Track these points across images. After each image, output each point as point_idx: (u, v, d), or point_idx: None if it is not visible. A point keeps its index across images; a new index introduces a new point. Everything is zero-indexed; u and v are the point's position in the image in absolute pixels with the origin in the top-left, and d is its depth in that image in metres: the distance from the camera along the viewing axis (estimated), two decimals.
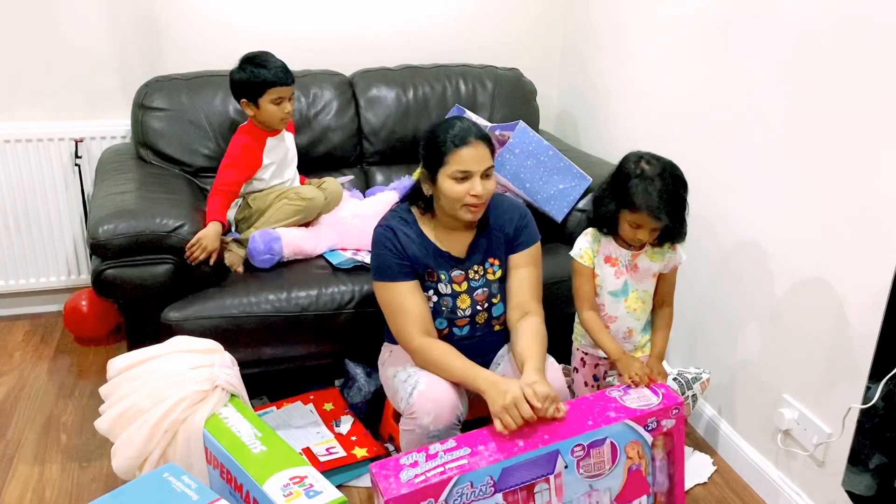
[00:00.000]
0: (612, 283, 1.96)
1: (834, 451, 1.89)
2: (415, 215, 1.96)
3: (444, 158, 1.81)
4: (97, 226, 2.10)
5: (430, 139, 1.86)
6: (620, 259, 1.95)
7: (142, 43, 2.78)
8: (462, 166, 1.80)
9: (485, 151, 1.83)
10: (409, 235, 1.92)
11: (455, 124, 1.84)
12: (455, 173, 1.81)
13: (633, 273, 1.95)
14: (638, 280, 1.96)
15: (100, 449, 2.23)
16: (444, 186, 1.83)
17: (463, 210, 1.85)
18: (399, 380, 1.90)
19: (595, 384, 2.10)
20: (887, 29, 1.65)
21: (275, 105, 2.33)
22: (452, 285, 1.94)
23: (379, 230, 1.93)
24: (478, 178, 1.82)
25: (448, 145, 1.81)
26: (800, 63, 1.92)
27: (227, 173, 2.35)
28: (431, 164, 1.84)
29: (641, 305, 1.98)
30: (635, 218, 1.83)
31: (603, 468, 1.65)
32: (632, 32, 2.70)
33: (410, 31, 3.01)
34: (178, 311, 2.15)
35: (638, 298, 1.97)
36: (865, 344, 1.67)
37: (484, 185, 1.83)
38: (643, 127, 2.66)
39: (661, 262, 1.96)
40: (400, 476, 1.51)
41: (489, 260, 1.97)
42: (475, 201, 1.83)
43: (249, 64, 2.33)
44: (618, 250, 1.95)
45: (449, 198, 1.83)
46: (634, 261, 1.95)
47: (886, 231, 1.70)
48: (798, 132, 1.94)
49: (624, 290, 1.96)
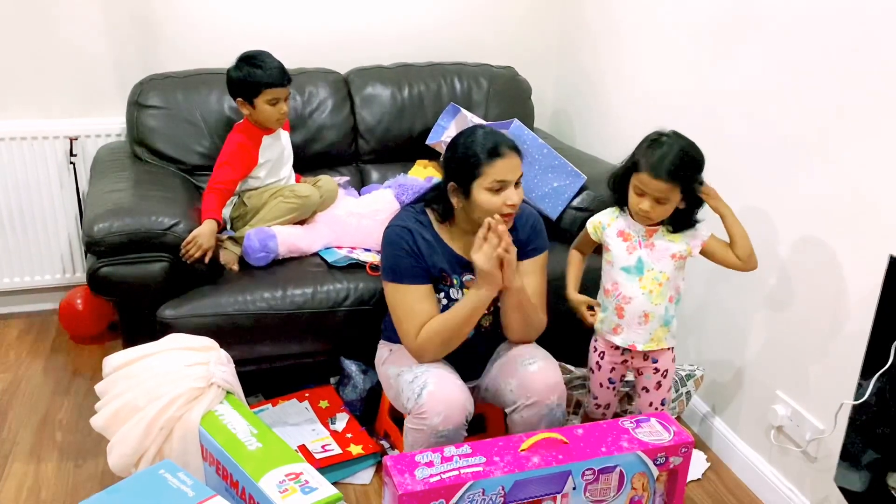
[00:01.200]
0: (625, 258, 1.91)
1: (826, 447, 1.90)
2: (430, 218, 1.95)
3: (479, 171, 1.80)
4: (92, 224, 2.10)
5: (462, 154, 1.83)
6: (634, 234, 1.91)
7: (137, 41, 2.78)
8: (498, 177, 1.80)
9: (517, 160, 1.84)
10: (427, 238, 1.91)
11: (484, 135, 1.84)
12: (493, 184, 1.80)
13: (650, 251, 1.89)
14: (655, 259, 1.89)
15: (95, 447, 2.23)
16: (480, 199, 1.82)
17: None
18: (405, 380, 1.90)
19: (611, 387, 2.07)
20: (879, 28, 1.67)
21: (271, 106, 2.33)
22: (463, 290, 1.95)
23: (395, 230, 1.91)
24: (512, 188, 1.83)
25: (483, 158, 1.80)
26: (794, 61, 1.93)
27: (223, 171, 2.35)
28: (464, 178, 1.82)
29: (658, 288, 1.89)
30: (637, 180, 1.82)
31: (608, 495, 1.67)
32: (627, 31, 2.71)
33: (405, 29, 3.01)
34: (174, 308, 2.15)
35: (654, 280, 1.89)
36: (857, 341, 1.69)
37: (518, 194, 1.84)
38: (639, 125, 2.65)
39: (680, 243, 1.89)
40: (415, 473, 1.53)
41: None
42: (511, 210, 1.83)
43: (246, 63, 2.33)
44: (633, 225, 1.91)
45: (485, 209, 1.82)
46: (651, 238, 1.89)
47: (878, 230, 1.71)
48: (792, 130, 1.95)
49: (638, 267, 1.90)
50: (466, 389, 1.85)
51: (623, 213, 1.94)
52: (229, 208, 2.44)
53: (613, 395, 2.08)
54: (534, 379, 1.87)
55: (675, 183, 1.78)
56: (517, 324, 1.95)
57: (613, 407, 2.12)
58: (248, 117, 2.39)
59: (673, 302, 1.93)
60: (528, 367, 1.89)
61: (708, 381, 2.35)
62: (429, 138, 2.77)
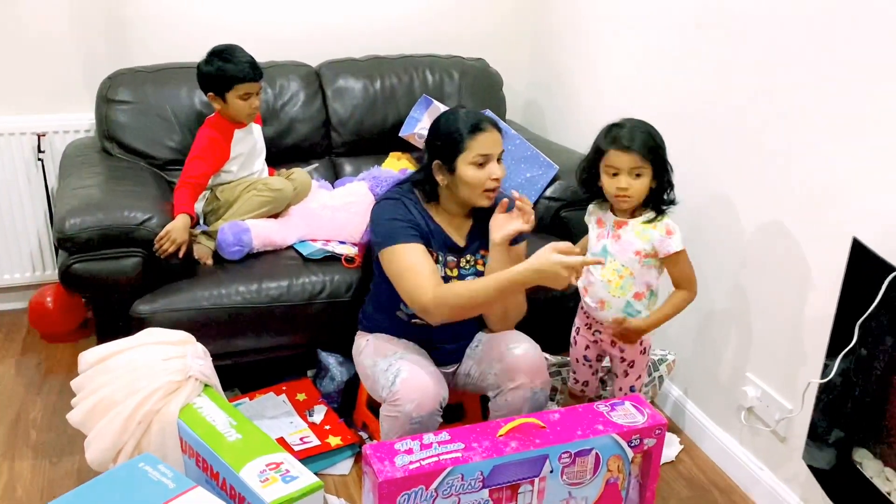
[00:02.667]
0: (594, 244, 1.96)
1: (795, 427, 1.95)
2: (418, 197, 1.98)
3: (463, 145, 1.84)
4: (64, 220, 2.08)
5: (445, 131, 1.88)
6: (607, 223, 1.95)
7: (105, 35, 2.75)
8: (482, 150, 1.84)
9: (499, 136, 1.89)
10: (419, 213, 1.94)
11: (465, 113, 1.89)
12: (476, 158, 1.84)
13: (615, 242, 1.91)
14: (618, 251, 1.90)
15: (71, 444, 2.21)
16: (465, 174, 1.86)
17: (483, 196, 1.89)
18: (379, 369, 1.92)
19: (587, 364, 2.10)
20: (843, 26, 1.71)
21: (242, 100, 2.32)
22: (445, 269, 1.97)
23: (386, 202, 1.94)
24: (495, 162, 1.87)
25: (465, 133, 1.84)
26: (759, 55, 1.97)
27: (195, 166, 2.34)
28: (448, 154, 1.86)
29: (618, 280, 1.90)
30: (607, 161, 1.85)
31: (584, 477, 1.70)
32: (596, 23, 2.74)
33: (376, 21, 3.01)
34: (148, 304, 2.14)
35: (614, 271, 1.90)
36: (823, 322, 1.73)
37: (501, 168, 1.89)
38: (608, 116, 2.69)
39: (647, 242, 1.87)
40: (395, 460, 1.54)
41: (481, 252, 2.01)
42: (495, 185, 1.88)
43: (217, 58, 2.32)
44: (607, 214, 1.96)
45: (470, 184, 1.86)
46: (618, 230, 1.91)
47: (841, 215, 1.76)
48: (756, 120, 2.00)
49: (602, 254, 1.93)
50: (440, 376, 1.87)
51: (603, 204, 1.97)
52: (202, 203, 2.43)
53: (590, 373, 2.12)
54: (518, 363, 1.90)
55: (644, 154, 1.81)
56: (498, 309, 1.97)
57: (593, 386, 2.15)
58: (219, 111, 2.38)
59: (642, 299, 1.92)
60: (512, 350, 1.93)
61: (680, 365, 2.39)
62: (402, 130, 2.78)
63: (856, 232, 1.62)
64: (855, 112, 1.70)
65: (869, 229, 1.65)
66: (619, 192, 1.85)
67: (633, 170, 1.83)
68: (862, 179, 1.70)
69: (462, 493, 1.58)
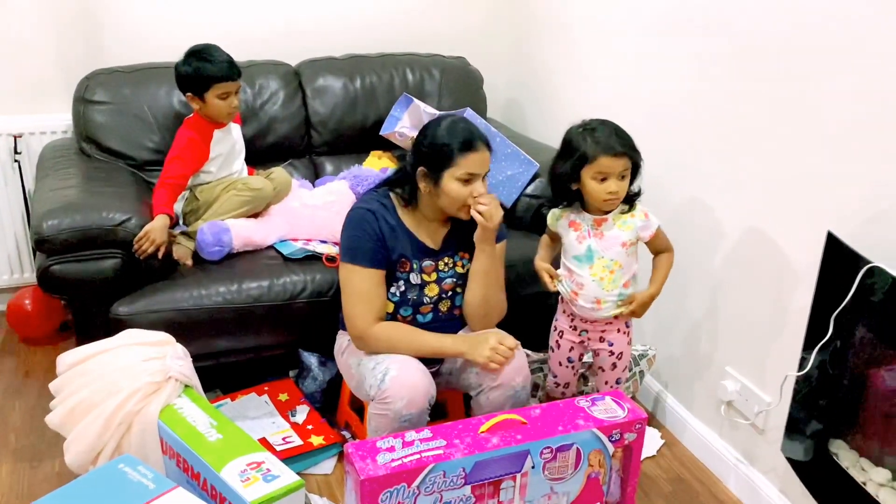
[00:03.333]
0: (576, 247, 1.95)
1: (773, 420, 1.97)
2: (394, 202, 1.97)
3: (453, 161, 1.85)
4: (41, 221, 2.06)
5: (437, 141, 1.88)
6: (584, 223, 1.94)
7: (81, 35, 2.73)
8: (470, 169, 1.85)
9: (488, 155, 1.90)
10: (390, 223, 1.94)
11: (462, 127, 1.89)
12: (463, 175, 1.85)
13: (599, 240, 1.92)
14: (604, 248, 1.92)
15: (51, 448, 2.19)
16: (448, 187, 1.86)
17: (461, 210, 1.90)
18: (367, 367, 1.92)
19: (570, 366, 2.10)
20: (816, 25, 1.73)
21: (221, 100, 2.31)
22: (422, 275, 1.97)
23: (360, 211, 1.94)
24: (480, 181, 1.88)
25: (457, 149, 1.85)
26: (733, 52, 1.99)
27: (174, 167, 2.33)
28: (436, 165, 1.87)
29: (609, 276, 1.92)
30: (596, 168, 1.83)
31: (566, 472, 1.71)
32: (576, 21, 2.76)
33: (356, 20, 3.00)
34: (128, 305, 2.13)
35: (605, 267, 1.92)
36: (800, 315, 1.75)
37: (484, 187, 1.90)
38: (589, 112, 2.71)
39: (630, 231, 1.91)
40: (377, 458, 1.54)
41: (460, 254, 2.02)
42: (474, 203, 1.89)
43: (194, 58, 2.30)
44: (581, 215, 1.95)
45: (452, 198, 1.87)
46: (599, 227, 1.92)
47: (815, 209, 1.78)
48: (732, 116, 2.02)
49: (588, 256, 1.93)
50: (428, 373, 1.88)
51: (572, 207, 1.97)
52: (181, 203, 2.42)
53: (573, 374, 2.13)
54: None
55: (628, 155, 1.84)
56: (480, 308, 1.99)
57: (573, 386, 2.16)
58: (197, 112, 2.37)
59: (629, 286, 1.96)
60: None
61: (660, 360, 2.41)
62: (382, 129, 2.78)
63: (830, 226, 1.64)
64: (830, 109, 1.72)
65: (843, 224, 1.67)
66: (610, 197, 1.86)
67: (621, 173, 1.84)
68: (836, 175, 1.72)
69: (444, 489, 1.58)
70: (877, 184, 1.63)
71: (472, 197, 1.87)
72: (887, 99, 1.58)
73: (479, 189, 1.88)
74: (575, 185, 1.89)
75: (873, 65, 1.60)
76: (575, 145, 1.87)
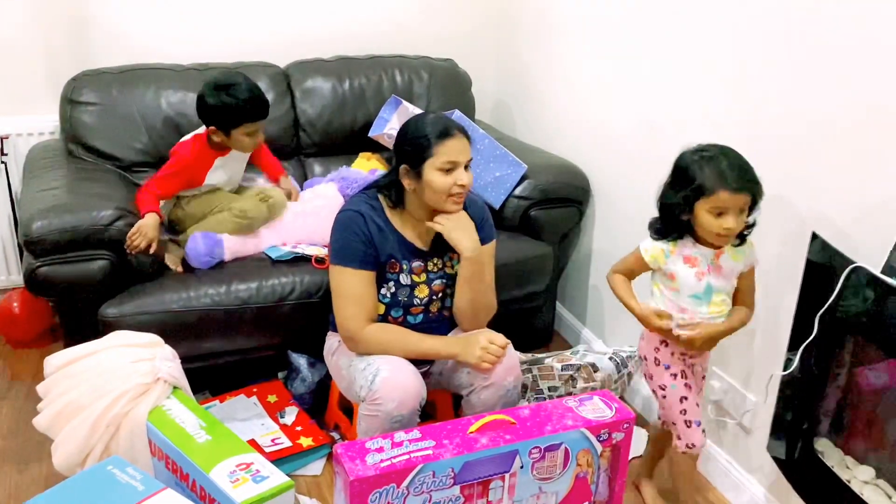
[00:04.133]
0: (694, 285, 1.77)
1: (760, 419, 1.99)
2: (382, 204, 1.98)
3: (431, 151, 1.84)
4: (30, 222, 2.05)
5: (413, 135, 1.88)
6: (702, 258, 1.76)
7: (68, 35, 2.71)
8: (450, 157, 1.85)
9: (466, 143, 1.89)
10: (378, 224, 1.94)
11: (434, 118, 1.89)
12: (443, 164, 1.85)
13: (717, 274, 1.77)
14: (722, 283, 1.78)
15: (38, 450, 2.18)
16: (431, 179, 1.86)
17: (448, 201, 1.89)
18: (357, 368, 1.92)
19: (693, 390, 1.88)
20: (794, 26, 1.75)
21: (247, 137, 2.26)
22: (412, 276, 1.98)
23: (348, 213, 1.94)
24: (462, 169, 1.87)
25: (434, 138, 1.85)
26: (727, 53, 2.00)
27: (165, 183, 2.28)
28: (416, 159, 1.86)
29: (725, 309, 1.81)
30: (714, 202, 1.66)
31: (554, 472, 1.72)
32: (562, 22, 2.77)
33: (344, 22, 3.01)
34: (116, 307, 2.12)
35: (722, 302, 1.80)
36: (785, 315, 1.77)
37: (468, 175, 1.89)
38: (578, 115, 2.73)
39: (742, 261, 1.78)
40: (366, 459, 1.54)
41: (449, 254, 2.02)
42: (461, 191, 1.88)
43: (223, 92, 2.19)
44: (699, 249, 1.76)
45: (436, 190, 1.87)
46: (718, 261, 1.76)
47: (800, 208, 1.80)
48: (720, 116, 2.03)
49: (707, 292, 1.78)
50: (419, 374, 1.89)
51: (682, 240, 1.78)
52: (165, 209, 2.37)
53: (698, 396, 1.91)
54: None
55: (750, 190, 1.68)
56: (468, 310, 2.00)
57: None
58: (210, 134, 2.28)
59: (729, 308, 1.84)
60: None
61: None
62: (371, 130, 2.78)
63: (815, 227, 1.66)
64: (814, 109, 1.74)
65: (828, 225, 1.69)
66: (725, 233, 1.69)
67: (742, 208, 1.68)
68: (821, 177, 1.74)
69: (433, 490, 1.59)
70: (861, 184, 1.65)
71: (456, 185, 1.86)
72: (871, 99, 1.60)
73: (463, 178, 1.87)
74: (686, 216, 1.73)
75: (856, 65, 1.62)
76: (691, 174, 1.70)
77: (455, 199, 1.89)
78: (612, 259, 2.01)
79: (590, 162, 2.62)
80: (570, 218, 2.65)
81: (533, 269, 2.51)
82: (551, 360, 2.34)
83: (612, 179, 2.54)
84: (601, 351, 2.38)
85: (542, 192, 2.56)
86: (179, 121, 2.58)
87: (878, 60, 1.58)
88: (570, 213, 2.63)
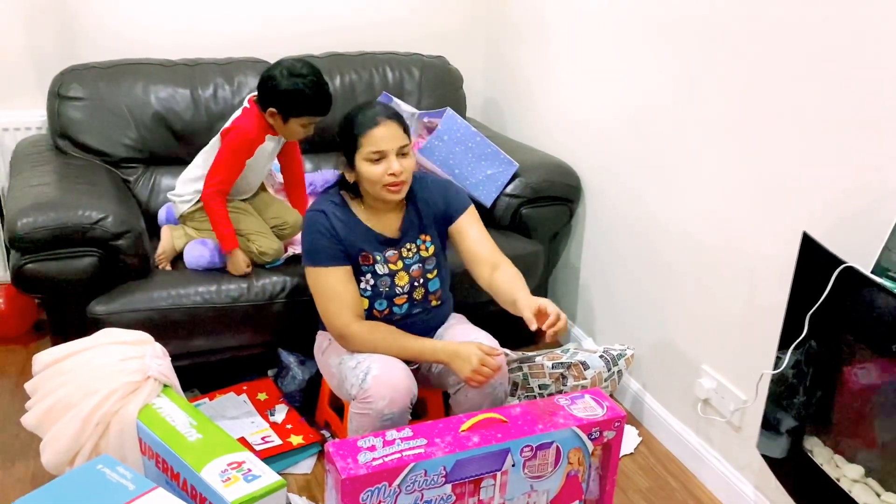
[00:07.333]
0: None
1: (749, 417, 2.00)
2: (345, 199, 1.97)
3: (358, 142, 1.84)
4: (16, 219, 2.03)
5: (343, 126, 1.89)
6: None
7: (54, 29, 2.68)
8: (375, 146, 1.83)
9: (396, 130, 1.86)
10: (342, 218, 1.93)
11: (363, 108, 1.89)
12: (370, 155, 1.84)
13: None
14: None
15: (25, 449, 2.16)
16: (362, 170, 1.86)
17: (384, 191, 1.88)
18: (347, 366, 1.91)
19: None
20: (785, 28, 1.76)
21: (302, 128, 2.21)
22: (389, 265, 1.97)
23: (310, 214, 1.94)
24: (393, 157, 1.85)
25: (359, 129, 1.84)
26: (718, 54, 2.01)
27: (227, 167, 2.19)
28: (348, 151, 1.88)
29: None
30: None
31: (545, 470, 1.72)
32: (551, 21, 2.77)
33: (335, 18, 3.00)
34: (105, 304, 2.11)
35: None
36: (775, 314, 1.78)
37: (401, 163, 1.86)
38: (568, 113, 2.73)
39: None
40: (357, 457, 1.54)
41: (421, 237, 2.01)
42: (393, 180, 1.86)
43: (299, 79, 2.13)
44: None
45: (369, 180, 1.87)
46: None
47: (791, 208, 1.81)
48: (710, 118, 2.04)
49: None
50: (409, 372, 1.88)
51: None
52: (188, 205, 2.30)
53: None
54: None
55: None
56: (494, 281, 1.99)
57: None
58: (263, 114, 2.20)
59: None
60: None
61: (638, 359, 2.43)
62: None
63: (806, 227, 1.67)
64: (805, 110, 1.75)
65: (818, 224, 1.70)
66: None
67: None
68: (812, 177, 1.75)
69: (425, 488, 1.58)
70: (851, 184, 1.66)
71: (388, 174, 1.84)
72: (861, 98, 1.61)
73: (394, 167, 1.84)
74: None
75: (849, 64, 1.63)
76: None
77: (390, 188, 1.86)
78: (602, 257, 2.02)
79: (581, 160, 2.63)
80: (561, 216, 2.65)
81: (524, 267, 2.50)
82: (542, 358, 2.35)
83: (603, 178, 2.54)
84: (592, 349, 2.39)
85: (533, 190, 2.56)
86: (168, 116, 2.56)
87: (870, 60, 1.58)
88: (561, 211, 2.63)
